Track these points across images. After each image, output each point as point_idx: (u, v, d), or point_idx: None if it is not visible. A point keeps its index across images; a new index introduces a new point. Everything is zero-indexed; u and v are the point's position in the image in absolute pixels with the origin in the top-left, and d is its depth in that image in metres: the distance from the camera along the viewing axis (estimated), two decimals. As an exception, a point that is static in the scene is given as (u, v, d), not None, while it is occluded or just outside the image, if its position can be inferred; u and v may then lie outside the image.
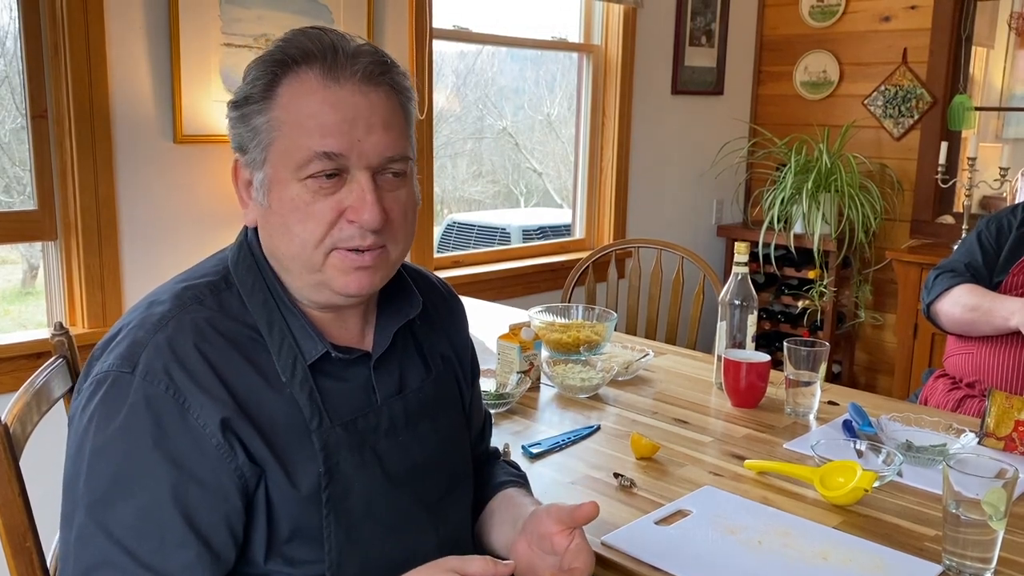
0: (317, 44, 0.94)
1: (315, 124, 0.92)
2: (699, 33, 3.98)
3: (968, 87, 3.82)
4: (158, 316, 0.94)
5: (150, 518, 0.87)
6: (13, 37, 2.21)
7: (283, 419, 0.94)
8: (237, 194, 1.01)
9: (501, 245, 3.94)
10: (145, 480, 0.88)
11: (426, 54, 2.91)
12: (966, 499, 1.11)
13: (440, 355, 1.13)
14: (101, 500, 0.88)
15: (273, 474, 0.93)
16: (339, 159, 0.93)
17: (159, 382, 0.89)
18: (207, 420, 0.90)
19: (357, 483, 0.98)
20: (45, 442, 1.44)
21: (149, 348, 0.91)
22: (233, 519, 0.91)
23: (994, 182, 3.51)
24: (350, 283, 0.96)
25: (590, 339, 2.05)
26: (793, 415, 1.72)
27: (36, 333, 2.24)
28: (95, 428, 0.89)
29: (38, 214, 2.22)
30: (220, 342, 0.94)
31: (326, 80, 0.93)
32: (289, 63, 0.94)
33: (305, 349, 0.98)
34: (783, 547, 1.20)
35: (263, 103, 0.95)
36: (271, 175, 0.95)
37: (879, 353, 4.14)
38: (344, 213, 0.94)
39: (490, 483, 1.21)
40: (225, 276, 1.00)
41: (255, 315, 0.97)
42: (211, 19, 2.39)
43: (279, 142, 0.94)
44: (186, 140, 2.40)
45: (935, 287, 2.05)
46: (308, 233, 0.94)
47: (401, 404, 1.04)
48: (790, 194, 3.80)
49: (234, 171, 1.01)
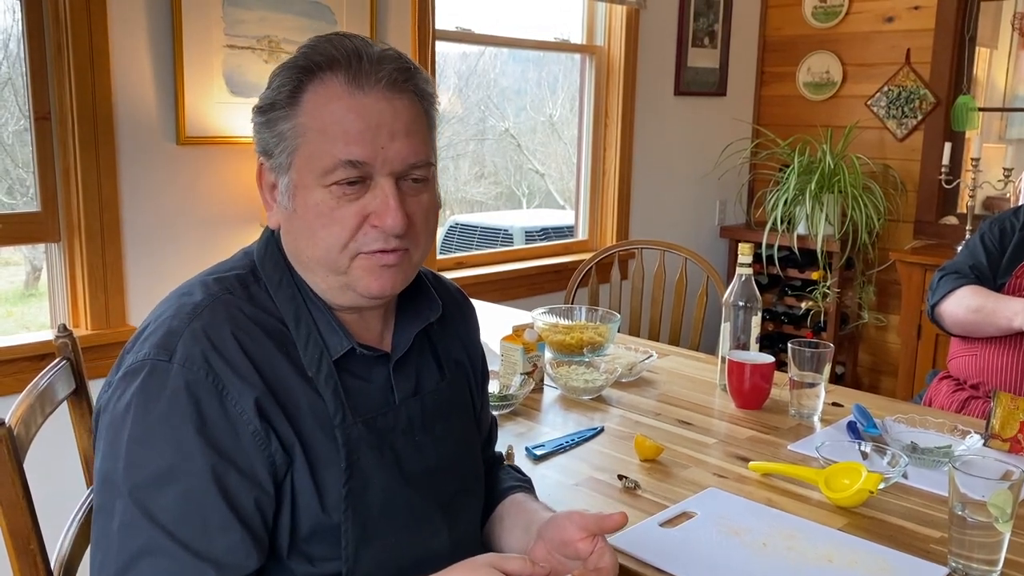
0: (341, 50, 0.95)
1: (340, 131, 0.94)
2: (702, 34, 3.97)
3: (971, 88, 3.81)
4: (192, 305, 0.95)
5: (193, 503, 0.88)
6: (16, 39, 2.21)
7: (311, 411, 0.96)
8: (261, 196, 1.03)
9: (504, 246, 3.94)
10: (188, 466, 0.88)
11: (429, 55, 2.91)
12: (972, 501, 1.11)
13: (454, 360, 1.15)
14: (144, 486, 0.88)
15: (299, 465, 0.94)
16: (363, 167, 0.94)
17: (198, 368, 0.90)
18: (244, 407, 0.91)
19: (376, 480, 0.99)
20: (49, 444, 1.44)
21: (186, 336, 0.92)
22: (265, 505, 0.92)
23: (998, 183, 3.50)
24: (373, 284, 0.98)
25: (593, 340, 2.04)
26: (797, 416, 1.71)
27: (39, 335, 2.24)
28: (133, 416, 0.90)
29: (41, 216, 2.22)
30: (254, 330, 0.95)
31: (351, 87, 0.94)
32: (314, 69, 0.95)
33: (331, 344, 0.99)
34: (788, 549, 1.19)
35: (288, 109, 0.96)
36: (296, 180, 0.97)
37: (883, 354, 4.13)
38: (368, 218, 0.96)
39: (496, 488, 1.22)
40: (252, 270, 1.02)
41: (282, 309, 0.99)
42: (214, 21, 2.39)
43: (304, 148, 0.96)
44: (189, 141, 2.40)
45: (939, 289, 2.05)
46: (333, 238, 0.96)
47: (418, 405, 1.06)
48: (793, 195, 3.80)
49: (259, 174, 1.02)
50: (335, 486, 0.96)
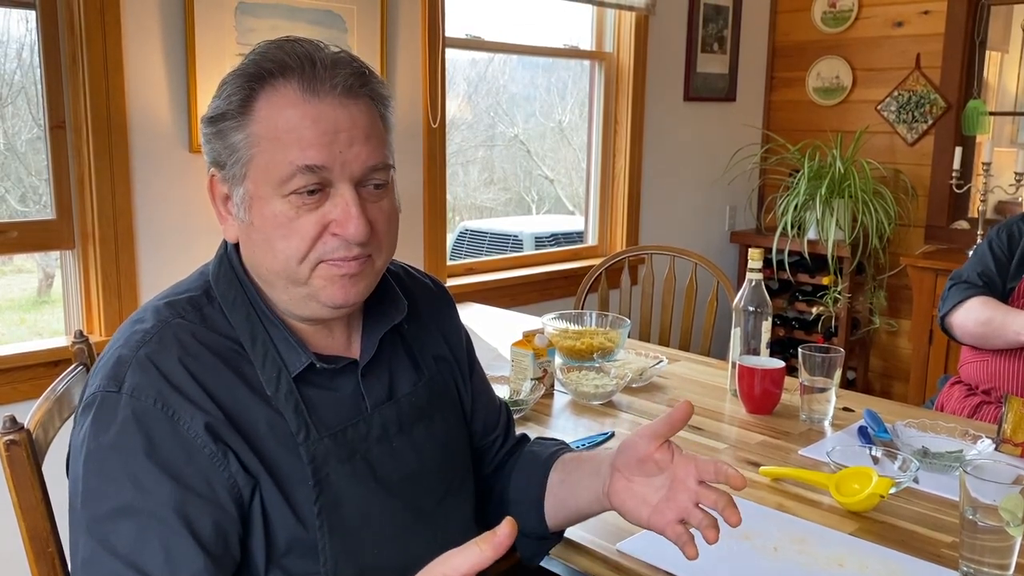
0: (293, 56, 0.92)
1: (295, 138, 0.91)
2: (711, 40, 3.98)
3: (982, 92, 3.81)
4: (141, 333, 0.93)
5: (153, 532, 0.85)
6: (30, 48, 2.24)
7: (271, 431, 0.94)
8: (215, 209, 1.00)
9: (514, 252, 3.95)
10: (142, 494, 0.86)
11: (439, 63, 2.92)
12: (983, 505, 1.11)
13: (433, 356, 1.12)
14: (101, 519, 0.86)
15: (266, 485, 0.92)
16: (321, 171, 0.92)
17: (146, 397, 0.88)
18: (197, 430, 0.89)
19: (349, 493, 0.97)
20: (66, 448, 1.45)
21: (133, 365, 0.90)
22: (228, 528, 0.89)
23: (1009, 187, 3.49)
24: (337, 294, 0.96)
25: (603, 346, 2.05)
26: (808, 421, 1.71)
27: (53, 341, 2.26)
28: (87, 450, 0.88)
29: (56, 223, 2.24)
30: (205, 355, 0.93)
31: (305, 94, 0.92)
32: (265, 76, 0.93)
33: (289, 361, 0.97)
34: (799, 554, 1.20)
35: (240, 118, 0.93)
36: (252, 191, 0.94)
37: (894, 359, 4.12)
38: (328, 227, 0.93)
39: (539, 456, 1.19)
40: (207, 291, 0.99)
41: (237, 329, 0.96)
42: (227, 29, 2.41)
43: (259, 158, 0.93)
44: (202, 149, 2.41)
45: (948, 300, 2.05)
46: (292, 249, 0.93)
47: (393, 410, 1.03)
48: (803, 200, 3.80)
49: (210, 186, 0.99)
50: (306, 503, 0.93)
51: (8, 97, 2.40)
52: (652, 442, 1.00)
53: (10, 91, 2.39)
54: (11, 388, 2.13)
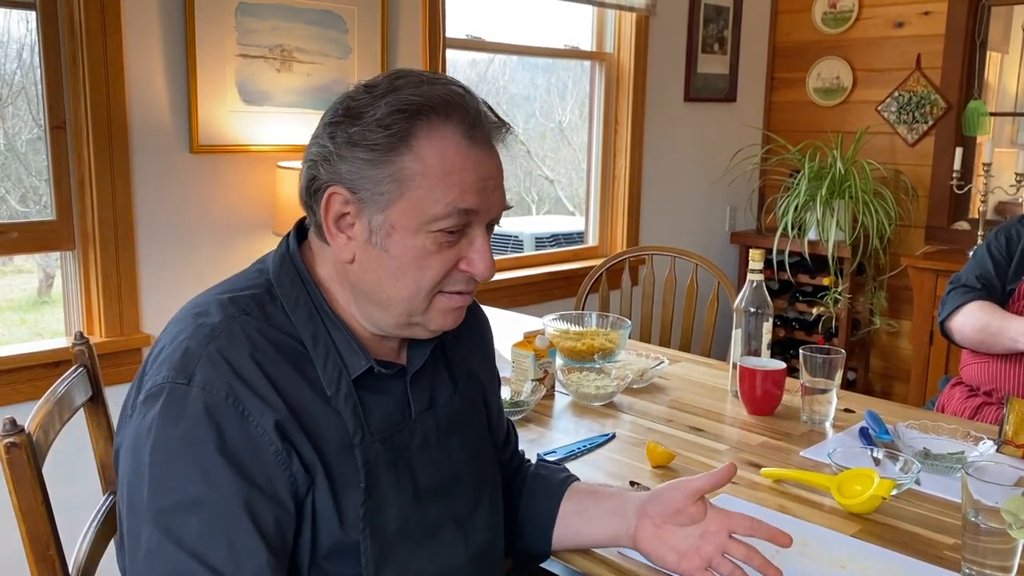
0: (458, 98, 0.96)
1: (457, 181, 0.94)
2: (711, 40, 3.98)
3: (983, 92, 3.81)
4: (209, 327, 0.94)
5: (219, 525, 0.87)
6: (30, 48, 2.24)
7: (330, 432, 0.95)
8: (324, 224, 0.97)
9: (514, 253, 3.94)
10: (213, 489, 0.87)
11: (439, 63, 2.92)
12: (985, 507, 1.11)
13: (467, 371, 1.15)
14: (168, 511, 0.87)
15: (320, 486, 0.94)
16: (471, 215, 0.96)
17: (218, 391, 0.90)
18: (266, 427, 0.90)
19: (391, 499, 0.99)
20: (66, 450, 1.45)
21: (203, 359, 0.91)
22: (287, 525, 0.92)
23: (1010, 188, 3.49)
24: (446, 322, 1.01)
25: (604, 347, 2.05)
26: (809, 423, 1.71)
27: (54, 342, 2.26)
28: (154, 441, 0.89)
29: (56, 224, 2.24)
30: (271, 352, 0.94)
31: (466, 139, 0.95)
32: (427, 113, 0.94)
33: (349, 363, 0.99)
34: (801, 556, 1.19)
35: (394, 152, 0.93)
36: (395, 221, 0.95)
37: (894, 360, 4.12)
38: (458, 263, 0.98)
39: (550, 481, 1.23)
40: (268, 288, 1.00)
41: (299, 328, 0.98)
42: (227, 30, 2.41)
43: (413, 193, 0.94)
44: (202, 150, 2.42)
45: (947, 304, 2.05)
46: (425, 280, 0.97)
47: (433, 419, 1.06)
48: (804, 201, 3.80)
49: (327, 202, 0.96)
50: (353, 506, 0.95)
51: (8, 97, 2.40)
52: (690, 498, 1.05)
53: (10, 91, 2.39)
54: (11, 389, 2.13)
